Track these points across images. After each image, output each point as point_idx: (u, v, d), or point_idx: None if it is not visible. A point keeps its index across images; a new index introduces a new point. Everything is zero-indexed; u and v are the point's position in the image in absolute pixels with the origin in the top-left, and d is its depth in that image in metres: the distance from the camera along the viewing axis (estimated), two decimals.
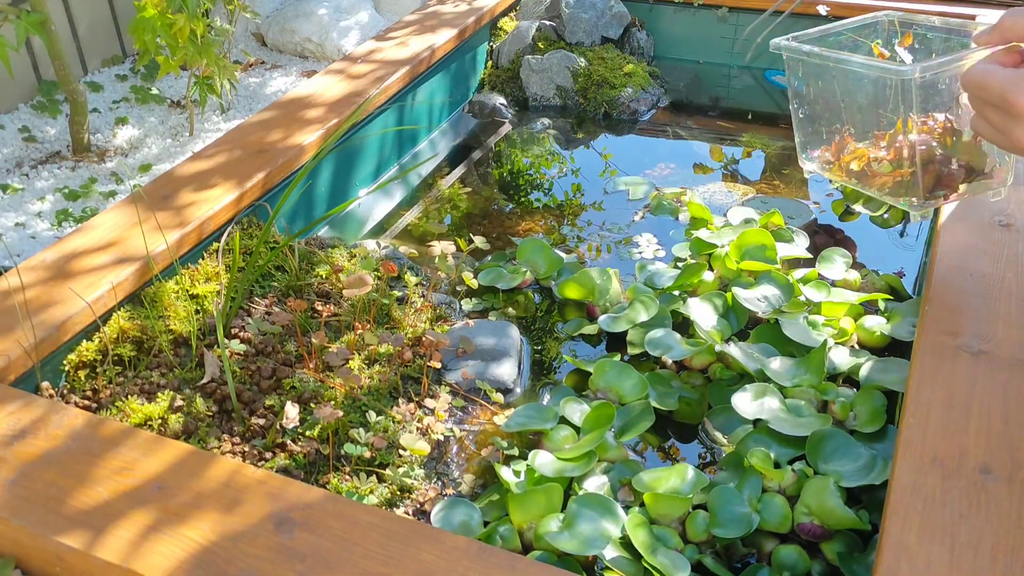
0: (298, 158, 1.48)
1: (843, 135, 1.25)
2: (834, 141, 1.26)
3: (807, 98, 1.30)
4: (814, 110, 1.30)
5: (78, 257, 1.19)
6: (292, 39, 2.35)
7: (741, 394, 1.14)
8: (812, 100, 1.29)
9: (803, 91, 1.29)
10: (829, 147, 1.27)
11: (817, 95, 1.28)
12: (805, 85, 1.29)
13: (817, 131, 1.30)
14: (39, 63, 1.97)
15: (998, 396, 0.98)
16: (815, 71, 1.26)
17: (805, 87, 1.29)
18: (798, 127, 1.33)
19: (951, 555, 0.79)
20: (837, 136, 1.26)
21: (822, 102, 1.27)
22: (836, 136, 1.27)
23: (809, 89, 1.28)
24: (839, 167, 1.25)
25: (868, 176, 1.19)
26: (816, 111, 1.29)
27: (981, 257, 1.22)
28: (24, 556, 0.84)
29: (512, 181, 1.83)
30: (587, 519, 0.97)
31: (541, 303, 1.44)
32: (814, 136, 1.31)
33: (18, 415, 0.95)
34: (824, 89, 1.26)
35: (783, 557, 0.97)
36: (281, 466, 1.03)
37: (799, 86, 1.29)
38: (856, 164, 1.20)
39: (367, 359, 1.20)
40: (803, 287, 1.37)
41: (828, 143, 1.28)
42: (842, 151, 1.24)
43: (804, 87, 1.29)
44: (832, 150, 1.26)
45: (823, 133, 1.30)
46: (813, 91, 1.28)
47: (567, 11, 2.20)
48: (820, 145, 1.30)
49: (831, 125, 1.27)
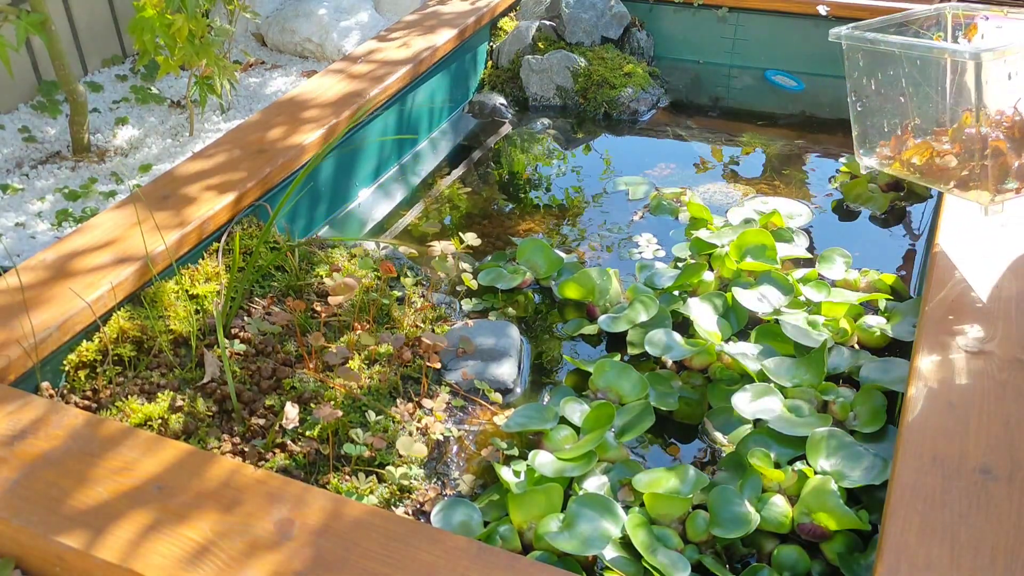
0: (298, 158, 1.48)
1: (904, 129, 1.22)
2: (894, 135, 1.23)
3: (866, 90, 1.26)
4: (873, 103, 1.26)
5: (78, 257, 1.19)
6: (292, 39, 2.35)
7: (741, 394, 1.14)
8: (872, 92, 1.26)
9: (863, 83, 1.26)
10: (888, 142, 1.24)
11: (877, 87, 1.24)
12: (865, 76, 1.26)
13: (876, 125, 1.27)
14: (39, 63, 1.97)
15: (998, 396, 0.98)
16: (876, 62, 1.23)
17: (865, 79, 1.26)
18: (856, 120, 1.29)
19: (951, 555, 0.79)
20: (898, 130, 1.23)
21: (882, 94, 1.24)
22: (896, 130, 1.23)
23: (869, 81, 1.25)
24: (900, 162, 1.22)
25: (933, 171, 1.16)
26: (875, 104, 1.26)
27: (981, 258, 1.22)
28: (24, 556, 0.84)
29: (512, 181, 1.83)
30: (587, 519, 0.97)
31: (541, 303, 1.44)
32: (872, 130, 1.28)
33: (18, 415, 0.94)
34: (885, 80, 1.23)
35: (783, 557, 0.96)
36: (281, 466, 1.03)
37: (859, 77, 1.26)
38: (919, 158, 1.18)
39: (367, 359, 1.20)
40: (803, 287, 1.37)
41: (887, 137, 1.25)
42: (903, 145, 1.21)
43: (864, 79, 1.26)
44: (892, 144, 1.23)
45: (883, 127, 1.26)
46: (873, 83, 1.25)
47: (567, 11, 2.20)
48: (878, 139, 1.27)
49: (891, 119, 1.24)
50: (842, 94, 2.18)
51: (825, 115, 2.08)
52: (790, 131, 2.02)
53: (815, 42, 2.22)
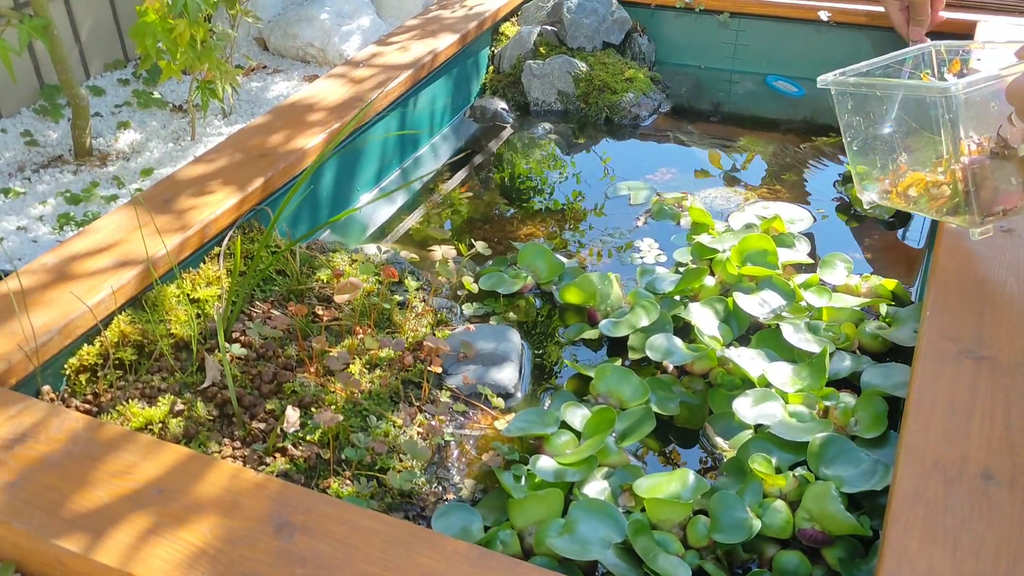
0: (300, 162, 1.48)
1: (897, 163, 1.26)
2: (890, 170, 1.28)
3: (859, 129, 1.31)
4: (866, 141, 1.31)
5: (79, 261, 1.19)
6: (294, 44, 2.35)
7: (742, 399, 1.14)
8: (863, 131, 1.30)
9: (855, 122, 1.31)
10: (886, 176, 1.29)
11: (868, 125, 1.29)
12: (856, 116, 1.30)
13: (872, 161, 1.32)
14: (41, 67, 1.97)
15: (1000, 401, 0.97)
16: (864, 102, 1.27)
17: (856, 119, 1.30)
18: (852, 159, 1.34)
19: (953, 561, 0.79)
20: (892, 164, 1.27)
21: (873, 132, 1.28)
22: (891, 164, 1.28)
23: (859, 120, 1.30)
24: (897, 195, 1.26)
25: (928, 200, 1.20)
26: (868, 142, 1.30)
27: (983, 262, 1.22)
28: (24, 560, 0.84)
29: (513, 186, 1.83)
30: (588, 524, 0.97)
31: (542, 308, 1.44)
32: (870, 166, 1.32)
33: (19, 419, 0.94)
34: (874, 119, 1.27)
35: (784, 563, 0.96)
36: (281, 470, 1.03)
37: (850, 118, 1.31)
38: (915, 190, 1.22)
39: (368, 363, 1.20)
40: (804, 292, 1.37)
41: (884, 172, 1.29)
42: (899, 178, 1.25)
43: (855, 118, 1.30)
44: (890, 178, 1.28)
45: (877, 162, 1.31)
46: (864, 122, 1.29)
47: (569, 16, 2.20)
48: (876, 175, 1.31)
49: (885, 155, 1.28)
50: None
51: (826, 120, 2.08)
52: (792, 136, 2.02)
53: (817, 48, 2.23)
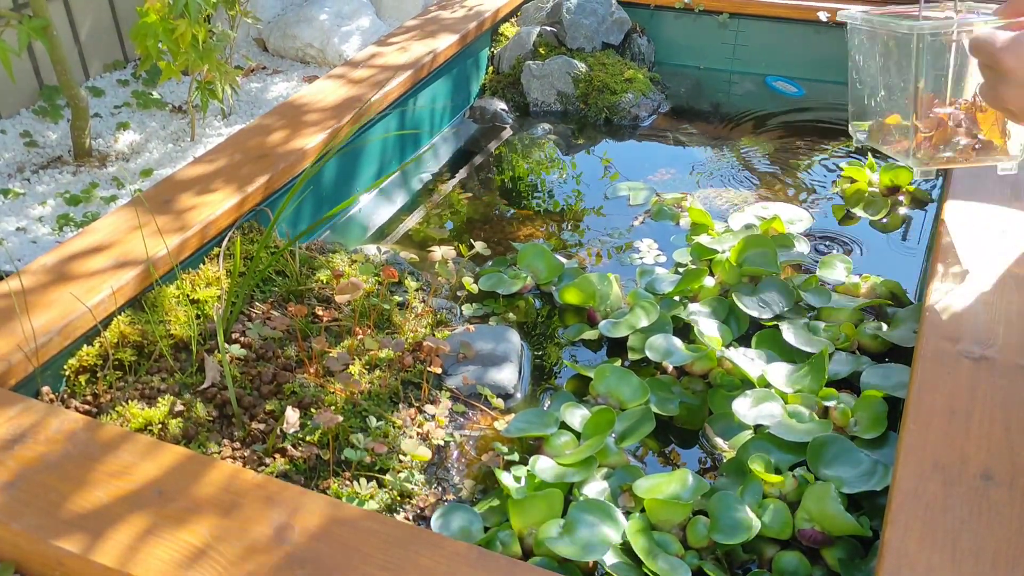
0: (299, 163, 1.48)
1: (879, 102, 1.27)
2: (874, 109, 1.29)
3: (858, 68, 1.32)
4: (862, 79, 1.32)
5: (79, 261, 1.19)
6: (293, 44, 2.35)
7: (742, 400, 1.14)
8: (863, 69, 1.32)
9: (857, 60, 1.32)
10: (872, 115, 1.30)
11: (866, 65, 1.30)
12: (859, 54, 1.31)
13: (863, 98, 1.33)
14: (41, 68, 1.97)
15: (999, 402, 0.97)
16: (865, 40, 1.29)
17: (858, 56, 1.32)
18: (852, 98, 1.36)
19: (952, 561, 0.79)
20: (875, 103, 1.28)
21: (871, 71, 1.30)
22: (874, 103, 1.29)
23: (860, 58, 1.31)
24: (877, 134, 1.27)
25: (894, 141, 1.22)
26: (864, 80, 1.32)
27: (981, 263, 1.22)
28: (23, 560, 0.84)
29: (513, 186, 1.83)
30: (587, 525, 0.97)
31: (542, 308, 1.44)
32: (864, 106, 1.34)
33: (18, 419, 0.94)
34: (868, 57, 1.29)
35: (784, 563, 0.96)
36: (281, 471, 1.03)
37: (854, 55, 1.33)
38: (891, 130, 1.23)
39: (368, 364, 1.20)
40: (804, 292, 1.37)
41: (875, 113, 1.31)
42: (881, 118, 1.27)
43: (858, 56, 1.32)
44: (874, 118, 1.29)
45: (866, 100, 1.32)
46: (863, 60, 1.31)
47: (568, 17, 2.20)
48: (868, 115, 1.33)
49: (873, 94, 1.29)
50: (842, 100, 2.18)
51: (826, 120, 2.08)
52: (791, 137, 2.02)
53: (816, 48, 2.23)
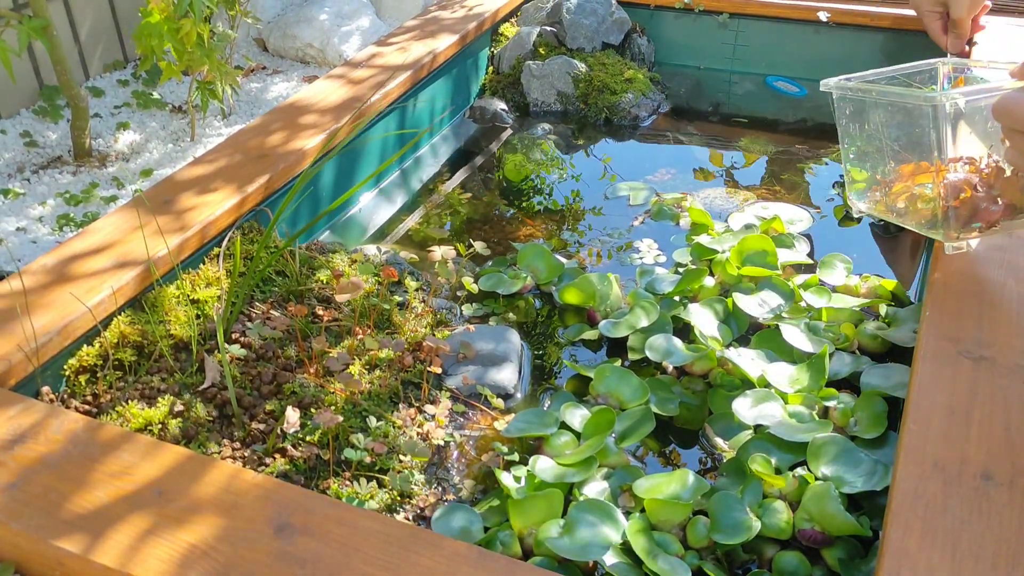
0: (299, 163, 1.48)
1: (887, 173, 1.26)
2: (880, 180, 1.28)
3: (854, 137, 1.31)
4: (860, 149, 1.31)
5: (79, 262, 1.19)
6: (293, 44, 2.35)
7: (742, 400, 1.14)
8: (858, 139, 1.30)
9: (850, 130, 1.31)
10: (876, 186, 1.29)
11: (862, 133, 1.29)
12: (852, 124, 1.30)
13: (864, 169, 1.32)
14: (41, 68, 1.97)
15: (999, 402, 0.97)
16: (862, 110, 1.28)
17: (852, 125, 1.30)
18: (846, 166, 1.35)
19: (952, 561, 0.79)
20: (881, 174, 1.28)
21: (867, 140, 1.29)
22: (881, 174, 1.28)
23: (855, 127, 1.30)
24: (884, 205, 1.26)
25: (911, 212, 1.20)
26: (862, 150, 1.31)
27: (982, 263, 1.22)
28: (23, 561, 0.84)
29: (513, 186, 1.83)
30: (587, 525, 0.97)
31: (541, 308, 1.44)
32: (862, 175, 1.33)
33: (18, 420, 0.94)
34: (868, 127, 1.28)
35: (784, 563, 0.96)
36: (281, 471, 1.03)
37: (846, 125, 1.31)
38: (901, 201, 1.22)
39: (367, 364, 1.20)
40: (804, 293, 1.37)
41: (874, 181, 1.29)
42: (887, 189, 1.26)
43: (852, 125, 1.30)
44: (880, 189, 1.28)
45: (868, 171, 1.31)
46: (859, 129, 1.30)
47: (568, 17, 2.20)
48: (868, 183, 1.32)
49: (877, 164, 1.29)
50: None
51: (826, 121, 2.08)
52: (791, 137, 2.02)
53: (816, 48, 2.23)
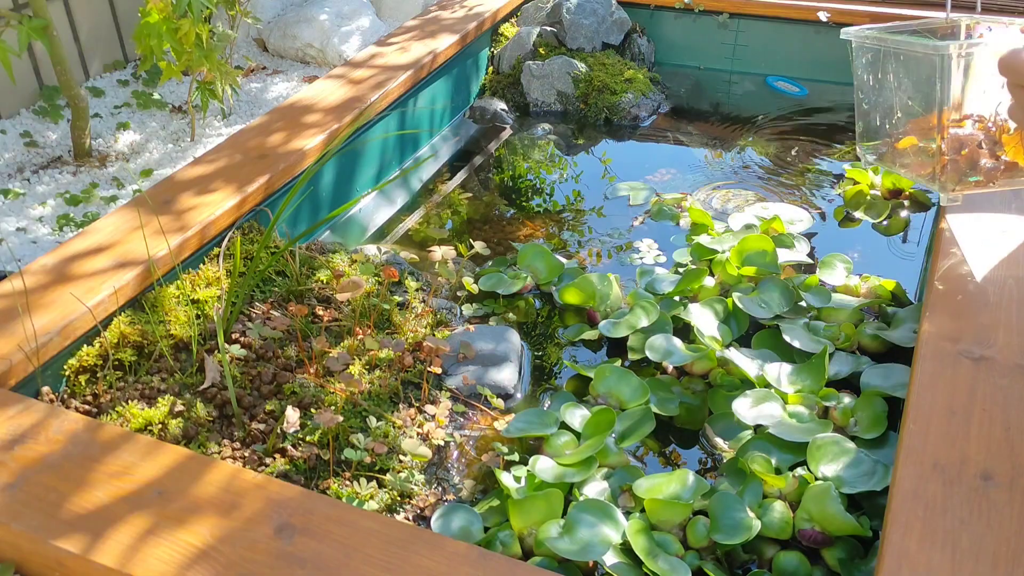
0: (299, 163, 1.48)
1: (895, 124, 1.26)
2: (888, 131, 1.28)
3: (868, 87, 1.30)
4: (873, 99, 1.30)
5: (79, 262, 1.19)
6: (293, 44, 2.35)
7: (742, 400, 1.14)
8: (872, 89, 1.30)
9: (865, 80, 1.30)
10: (885, 136, 1.28)
11: (876, 84, 1.29)
12: (867, 74, 1.30)
13: (874, 119, 1.31)
14: (41, 68, 1.97)
15: (999, 402, 0.97)
16: (877, 60, 1.27)
17: (867, 76, 1.30)
18: (859, 117, 1.34)
19: (952, 561, 0.79)
20: (889, 125, 1.27)
21: (881, 91, 1.28)
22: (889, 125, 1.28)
23: (870, 78, 1.29)
24: (890, 155, 1.26)
25: (913, 164, 1.20)
26: (874, 100, 1.30)
27: (982, 263, 1.22)
28: (23, 561, 0.84)
29: (513, 186, 1.83)
30: (587, 525, 0.97)
31: (542, 308, 1.44)
32: (872, 124, 1.32)
33: (18, 420, 0.95)
34: (881, 77, 1.27)
35: (784, 563, 0.96)
36: (281, 471, 1.03)
37: (862, 74, 1.31)
38: (907, 154, 1.22)
39: (368, 364, 1.20)
40: (804, 293, 1.37)
41: (883, 131, 1.29)
42: (895, 140, 1.25)
43: (866, 76, 1.30)
44: (887, 139, 1.28)
45: (878, 121, 1.30)
46: (873, 80, 1.29)
47: (568, 17, 2.21)
48: (877, 135, 1.31)
49: (887, 115, 1.28)
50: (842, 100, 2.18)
51: (826, 121, 2.08)
52: (791, 137, 2.02)
53: (816, 48, 2.23)
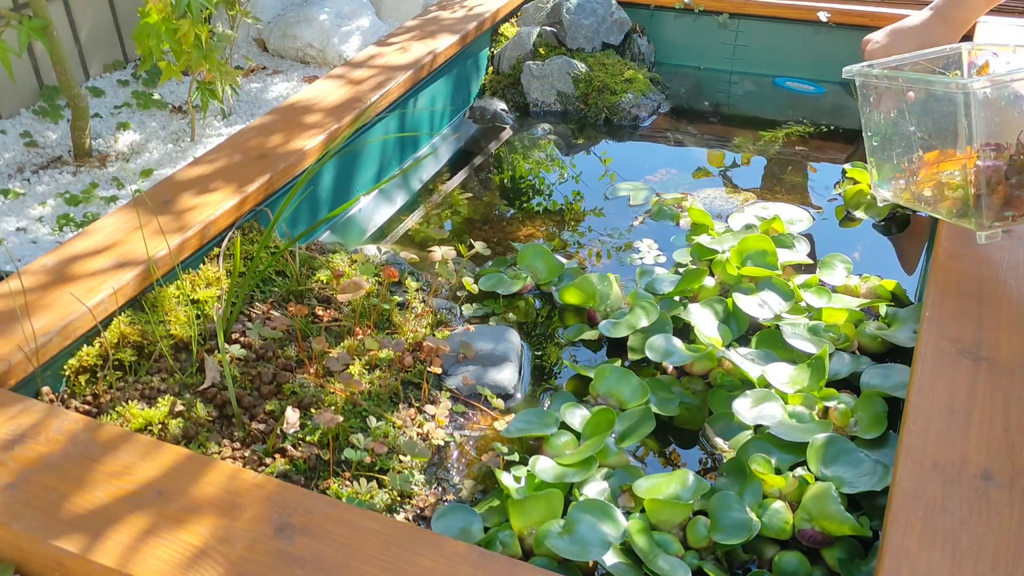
0: (299, 163, 1.48)
1: (913, 161, 1.25)
2: (906, 168, 1.27)
3: (879, 125, 1.30)
4: (885, 137, 1.30)
5: (79, 262, 1.19)
6: (293, 45, 2.35)
7: (742, 400, 1.14)
8: (883, 126, 1.29)
9: (875, 118, 1.30)
10: (902, 174, 1.28)
11: (888, 121, 1.28)
12: (876, 111, 1.29)
13: (889, 158, 1.31)
14: (41, 68, 1.97)
15: (999, 402, 0.97)
16: (885, 96, 1.26)
17: (877, 113, 1.29)
18: (871, 154, 1.33)
19: (952, 561, 0.79)
20: (908, 162, 1.26)
21: (892, 128, 1.27)
22: (907, 162, 1.27)
23: (880, 115, 1.29)
24: (911, 193, 1.25)
25: (940, 200, 1.19)
26: (888, 138, 1.29)
27: (982, 263, 1.22)
28: (23, 561, 0.84)
29: (513, 186, 1.83)
30: (587, 525, 0.97)
31: (542, 308, 1.44)
32: (887, 163, 1.31)
33: (18, 420, 0.94)
34: (894, 115, 1.27)
35: (784, 563, 0.96)
36: (281, 471, 1.03)
37: (870, 113, 1.30)
38: (928, 190, 1.21)
39: (368, 364, 1.20)
40: (804, 293, 1.37)
41: (899, 169, 1.28)
42: (914, 177, 1.24)
43: (876, 113, 1.29)
44: (905, 176, 1.27)
45: (894, 159, 1.30)
46: (884, 117, 1.28)
47: (568, 17, 2.20)
48: (892, 172, 1.30)
49: (903, 152, 1.27)
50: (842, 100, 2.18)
51: (826, 121, 2.08)
52: (791, 137, 2.02)
53: (816, 48, 2.23)
